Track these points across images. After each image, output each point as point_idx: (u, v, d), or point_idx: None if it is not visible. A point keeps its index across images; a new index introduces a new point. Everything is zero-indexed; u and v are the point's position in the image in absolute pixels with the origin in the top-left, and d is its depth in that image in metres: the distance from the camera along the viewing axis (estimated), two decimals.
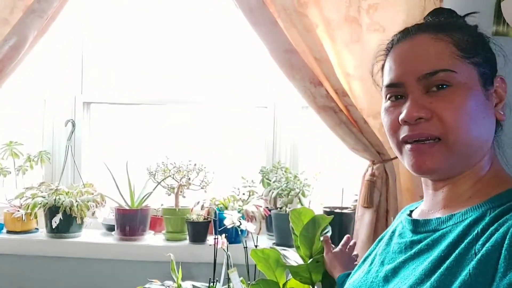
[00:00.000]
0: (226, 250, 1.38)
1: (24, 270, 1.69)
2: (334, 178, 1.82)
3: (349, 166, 1.76)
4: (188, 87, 1.88)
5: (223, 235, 1.40)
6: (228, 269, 1.36)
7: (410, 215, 0.74)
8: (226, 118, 1.92)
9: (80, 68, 1.89)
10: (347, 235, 1.19)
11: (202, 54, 1.86)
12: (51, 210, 1.65)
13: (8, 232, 1.72)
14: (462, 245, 0.57)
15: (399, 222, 0.74)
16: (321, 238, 1.16)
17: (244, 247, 1.38)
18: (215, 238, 1.37)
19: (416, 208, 0.75)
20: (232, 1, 1.48)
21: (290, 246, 1.34)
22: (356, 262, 1.12)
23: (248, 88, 1.87)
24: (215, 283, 1.29)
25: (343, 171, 1.81)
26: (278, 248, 1.21)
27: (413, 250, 0.64)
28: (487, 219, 0.58)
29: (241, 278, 1.35)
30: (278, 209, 1.68)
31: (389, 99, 0.68)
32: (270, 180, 1.72)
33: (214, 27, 1.84)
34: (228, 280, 1.36)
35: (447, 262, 0.57)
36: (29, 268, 1.69)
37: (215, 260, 1.33)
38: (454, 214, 0.63)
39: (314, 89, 1.45)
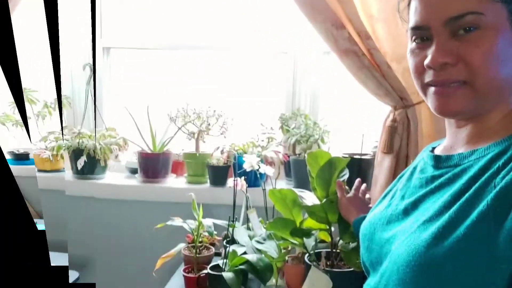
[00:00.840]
0: (245, 192, 1.41)
1: (53, 206, 1.76)
2: (354, 125, 1.80)
3: (369, 113, 1.73)
4: (208, 32, 1.85)
5: (242, 178, 1.42)
6: (247, 210, 1.40)
7: (432, 151, 0.73)
8: (246, 64, 1.89)
9: (99, 12, 1.87)
10: (358, 179, 1.18)
11: None
12: (76, 153, 1.71)
13: (39, 170, 1.80)
14: (483, 179, 0.57)
15: (421, 159, 0.74)
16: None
17: (263, 189, 1.40)
18: (234, 180, 1.39)
19: (438, 145, 0.75)
20: None
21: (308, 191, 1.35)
22: (370, 205, 1.13)
23: (268, 33, 1.82)
24: (234, 222, 1.33)
25: (363, 118, 1.79)
26: (295, 189, 1.22)
27: (434, 184, 0.65)
28: (509, 153, 0.57)
29: (260, 218, 1.39)
30: (297, 155, 1.69)
31: (414, 40, 0.65)
32: (289, 127, 1.72)
33: None
34: (247, 220, 1.40)
35: (467, 194, 0.57)
36: (57, 205, 1.76)
37: (234, 200, 1.36)
38: (477, 149, 0.62)
39: (336, 32, 1.41)
